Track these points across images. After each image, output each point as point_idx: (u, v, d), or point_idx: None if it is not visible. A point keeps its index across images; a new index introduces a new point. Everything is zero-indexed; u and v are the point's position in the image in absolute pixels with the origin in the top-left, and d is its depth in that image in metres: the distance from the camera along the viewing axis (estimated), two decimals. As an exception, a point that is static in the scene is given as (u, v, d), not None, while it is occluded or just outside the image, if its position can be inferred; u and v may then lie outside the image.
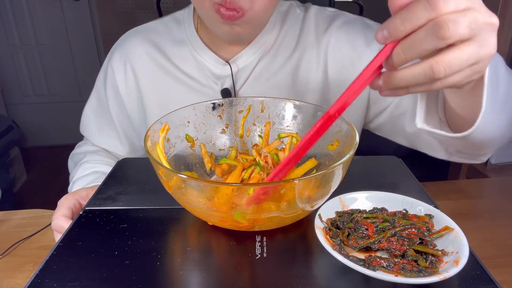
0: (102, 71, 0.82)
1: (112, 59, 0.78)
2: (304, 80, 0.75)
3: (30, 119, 2.78)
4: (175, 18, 0.79)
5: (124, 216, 0.48)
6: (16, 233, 0.69)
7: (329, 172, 0.40)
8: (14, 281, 0.57)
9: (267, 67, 0.75)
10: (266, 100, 0.59)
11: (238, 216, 0.40)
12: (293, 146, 0.57)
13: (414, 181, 0.56)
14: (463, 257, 0.36)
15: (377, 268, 0.37)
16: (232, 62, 0.74)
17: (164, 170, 0.41)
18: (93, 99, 0.84)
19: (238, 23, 0.62)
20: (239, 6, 0.59)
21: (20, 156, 2.40)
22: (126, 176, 0.59)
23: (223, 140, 0.59)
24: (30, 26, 2.55)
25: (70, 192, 0.73)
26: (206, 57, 0.75)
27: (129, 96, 0.78)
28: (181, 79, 0.76)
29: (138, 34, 0.79)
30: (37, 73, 2.69)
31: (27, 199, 2.27)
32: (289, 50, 0.75)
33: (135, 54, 0.77)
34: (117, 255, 0.41)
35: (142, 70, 0.77)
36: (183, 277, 0.39)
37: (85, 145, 0.85)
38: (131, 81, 0.77)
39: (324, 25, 0.76)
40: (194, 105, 0.56)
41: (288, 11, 0.77)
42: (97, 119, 0.83)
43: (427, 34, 0.35)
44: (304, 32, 0.76)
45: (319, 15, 0.77)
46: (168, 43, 0.77)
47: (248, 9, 0.60)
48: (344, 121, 0.51)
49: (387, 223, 0.42)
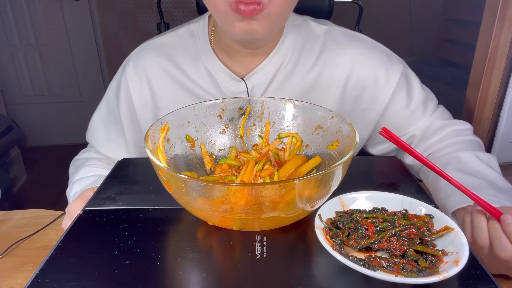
0: (115, 80, 0.81)
1: (127, 70, 0.77)
2: (320, 98, 0.75)
3: (30, 119, 2.78)
4: (190, 31, 0.78)
5: (124, 216, 0.48)
6: (16, 233, 0.69)
7: (329, 172, 0.40)
8: (14, 281, 0.57)
9: (283, 84, 0.75)
10: (266, 100, 0.59)
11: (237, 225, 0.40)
12: (293, 146, 0.57)
13: (414, 181, 0.56)
14: (463, 257, 0.36)
15: (377, 268, 0.37)
16: (247, 79, 0.74)
17: (164, 170, 0.41)
18: (103, 107, 0.83)
19: (257, 18, 0.60)
20: (258, 0, 0.58)
21: (20, 156, 2.40)
22: (126, 176, 0.59)
23: (223, 140, 0.59)
24: (30, 26, 2.55)
25: (69, 194, 0.74)
26: (220, 74, 0.74)
27: (143, 108, 0.78)
28: (198, 94, 0.76)
29: (154, 48, 0.78)
30: (37, 73, 2.69)
31: (27, 199, 2.27)
32: (308, 67, 0.75)
33: (151, 69, 0.76)
34: (117, 255, 0.41)
35: (159, 85, 0.77)
36: (183, 277, 0.39)
37: (88, 152, 0.84)
38: (146, 95, 0.77)
39: (348, 46, 0.75)
40: (194, 105, 0.56)
41: (302, 25, 0.76)
42: (105, 127, 0.83)
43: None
44: (325, 50, 0.75)
45: (340, 35, 0.76)
46: (184, 58, 0.76)
47: (267, 3, 0.59)
48: (344, 121, 0.51)
49: (387, 223, 0.42)
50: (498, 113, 0.89)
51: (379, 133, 0.59)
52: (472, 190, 0.51)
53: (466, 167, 0.66)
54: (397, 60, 0.77)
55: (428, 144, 0.76)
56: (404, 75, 0.76)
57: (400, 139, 0.56)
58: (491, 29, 0.84)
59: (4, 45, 2.56)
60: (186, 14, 2.55)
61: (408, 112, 0.76)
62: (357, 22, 1.26)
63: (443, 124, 0.76)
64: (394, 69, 0.75)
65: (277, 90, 0.75)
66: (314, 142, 0.56)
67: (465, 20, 1.83)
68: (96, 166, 0.78)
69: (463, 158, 0.68)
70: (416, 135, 0.77)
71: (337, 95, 0.75)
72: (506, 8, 0.81)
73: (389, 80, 0.74)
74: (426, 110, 0.77)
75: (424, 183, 0.74)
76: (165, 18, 1.39)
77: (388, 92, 0.75)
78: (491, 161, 0.68)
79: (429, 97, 0.79)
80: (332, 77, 0.75)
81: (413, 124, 0.77)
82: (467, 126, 0.77)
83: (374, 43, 0.77)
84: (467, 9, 1.81)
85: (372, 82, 0.74)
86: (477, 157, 0.68)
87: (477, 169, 0.65)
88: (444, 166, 0.68)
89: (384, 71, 0.74)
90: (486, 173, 0.64)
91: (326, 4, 1.09)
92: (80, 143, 0.92)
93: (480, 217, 0.51)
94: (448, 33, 2.01)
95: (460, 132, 0.75)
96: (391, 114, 0.77)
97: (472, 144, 0.73)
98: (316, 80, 0.75)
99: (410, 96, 0.76)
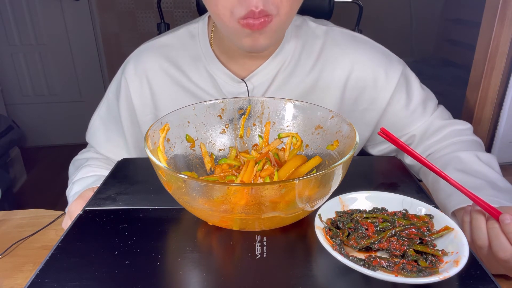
0: (115, 81, 0.81)
1: (127, 71, 0.77)
2: (320, 99, 0.75)
3: (30, 119, 2.78)
4: (190, 32, 0.78)
5: (124, 216, 0.48)
6: (16, 233, 0.69)
7: (329, 172, 0.40)
8: (14, 281, 0.57)
9: (283, 85, 0.75)
10: (266, 100, 0.59)
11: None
12: (293, 146, 0.57)
13: (414, 181, 0.56)
14: (463, 257, 0.36)
15: (377, 268, 0.37)
16: (248, 80, 0.74)
17: (164, 170, 0.41)
18: (103, 108, 0.83)
19: (264, 31, 0.60)
20: (267, 13, 0.58)
21: (20, 156, 2.40)
22: (126, 176, 0.59)
23: (223, 140, 0.59)
24: (30, 26, 2.55)
25: (69, 194, 0.74)
26: (221, 75, 0.74)
27: (143, 109, 0.78)
28: (198, 95, 0.76)
29: (154, 49, 0.78)
30: (37, 73, 2.69)
31: (27, 199, 2.27)
32: (308, 67, 0.75)
33: (151, 70, 0.76)
34: (117, 255, 0.41)
35: (159, 86, 0.77)
36: (183, 277, 0.39)
37: (88, 152, 0.84)
38: (146, 96, 0.77)
39: (348, 47, 0.75)
40: (194, 105, 0.56)
41: (302, 25, 0.76)
42: (105, 128, 0.83)
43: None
44: (325, 51, 0.75)
45: (340, 36, 0.76)
46: (184, 59, 0.76)
47: (275, 14, 0.59)
48: (344, 121, 0.51)
49: (387, 223, 0.42)
50: (498, 113, 0.90)
51: (378, 134, 0.59)
52: (472, 190, 0.51)
53: (466, 167, 0.66)
54: (397, 60, 0.77)
55: (428, 144, 0.76)
56: (404, 75, 0.76)
57: (398, 139, 0.56)
58: (491, 29, 0.84)
59: (4, 45, 2.56)
60: (186, 14, 2.55)
61: (407, 112, 0.76)
62: (357, 22, 1.25)
63: (443, 124, 0.76)
64: (393, 69, 0.75)
65: (278, 91, 0.75)
66: (314, 142, 0.56)
67: (465, 20, 1.83)
68: (96, 166, 0.78)
69: (463, 158, 0.68)
70: (416, 135, 0.77)
71: (337, 96, 0.75)
72: (506, 8, 0.81)
73: (388, 80, 0.74)
74: (426, 110, 0.77)
75: (424, 183, 0.74)
76: (165, 18, 1.39)
77: (388, 93, 0.75)
78: (491, 161, 0.68)
79: (428, 97, 0.79)
80: (332, 77, 0.75)
81: (413, 124, 0.77)
82: (467, 126, 0.77)
83: (373, 44, 0.77)
84: (467, 9, 1.81)
85: (371, 82, 0.74)
86: (477, 157, 0.68)
87: (477, 169, 0.66)
88: (444, 166, 0.68)
89: (383, 72, 0.74)
90: (486, 173, 0.64)
91: (326, 4, 1.09)
92: (80, 143, 0.92)
93: (479, 217, 0.51)
94: (448, 33, 2.00)
95: (460, 132, 0.75)
96: (390, 114, 0.77)
97: (472, 144, 0.73)
98: (316, 81, 0.75)
99: (409, 96, 0.76)
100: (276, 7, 0.58)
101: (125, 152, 0.83)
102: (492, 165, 0.67)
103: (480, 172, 0.65)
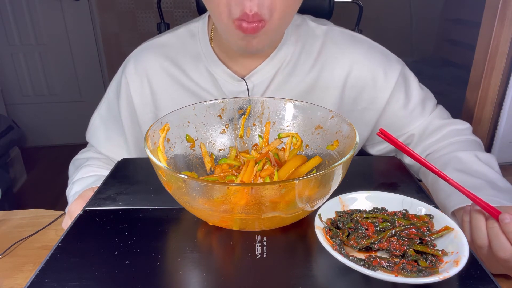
0: (115, 80, 0.81)
1: (127, 71, 0.78)
2: (319, 98, 0.75)
3: (30, 119, 2.78)
4: (190, 31, 0.78)
5: (124, 216, 0.48)
6: (16, 233, 0.69)
7: (329, 172, 0.40)
8: (14, 281, 0.57)
9: (283, 84, 0.75)
10: (266, 100, 0.59)
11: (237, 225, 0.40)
12: (293, 146, 0.57)
13: (414, 181, 0.56)
14: (463, 257, 0.36)
15: (377, 268, 0.37)
16: (248, 79, 0.74)
17: (164, 170, 0.41)
18: (103, 107, 0.83)
19: (257, 35, 0.60)
20: (261, 17, 0.58)
21: (20, 156, 2.40)
22: (126, 176, 0.59)
23: (223, 140, 0.59)
24: (30, 26, 2.55)
25: (69, 194, 0.74)
26: (221, 73, 0.74)
27: (143, 108, 0.78)
28: (198, 94, 0.76)
29: (154, 48, 0.78)
30: (37, 73, 2.69)
31: (27, 199, 2.27)
32: (307, 67, 0.75)
33: (152, 69, 0.76)
34: (117, 255, 0.41)
35: (159, 85, 0.77)
36: (183, 277, 0.39)
37: (88, 152, 0.84)
38: (147, 95, 0.77)
39: (347, 47, 0.75)
40: (194, 105, 0.56)
41: (301, 25, 0.76)
42: (106, 127, 0.83)
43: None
44: (324, 50, 0.75)
45: (339, 36, 0.76)
46: (184, 58, 0.76)
47: (268, 19, 0.59)
48: (344, 121, 0.51)
49: (387, 223, 0.42)
50: (498, 113, 0.90)
51: (377, 134, 0.59)
52: (471, 190, 0.51)
53: (466, 167, 0.66)
54: (396, 60, 0.77)
55: (427, 144, 0.76)
56: (402, 75, 0.76)
57: (397, 140, 0.57)
58: (491, 29, 0.84)
59: (4, 45, 2.56)
60: (186, 14, 2.55)
61: (406, 112, 0.76)
62: (357, 22, 1.26)
63: (442, 124, 0.76)
64: (392, 69, 0.75)
65: (277, 90, 0.75)
66: (314, 142, 0.56)
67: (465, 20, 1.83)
68: (96, 166, 0.78)
69: (463, 158, 0.68)
70: (415, 135, 0.78)
71: (336, 96, 0.75)
72: (506, 8, 0.81)
73: (387, 80, 0.74)
74: (425, 109, 0.77)
75: (424, 183, 0.74)
76: (165, 18, 1.39)
77: (387, 92, 0.75)
78: (491, 161, 0.68)
79: (427, 96, 0.79)
80: (331, 77, 0.75)
81: (411, 123, 0.77)
82: (466, 125, 0.77)
83: (372, 44, 0.77)
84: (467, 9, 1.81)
85: (370, 82, 0.75)
86: (477, 157, 0.68)
87: (477, 169, 0.66)
88: (443, 166, 0.68)
89: (382, 72, 0.74)
90: (485, 173, 0.64)
91: (326, 4, 1.09)
92: (80, 143, 0.92)
93: (478, 217, 0.51)
94: (448, 33, 2.01)
95: (459, 131, 0.75)
96: (389, 114, 0.77)
97: (471, 144, 0.73)
98: (316, 80, 0.75)
99: (408, 96, 0.76)
100: (270, 11, 0.58)
101: (125, 152, 0.83)
102: (492, 165, 0.67)
103: (480, 172, 0.65)
